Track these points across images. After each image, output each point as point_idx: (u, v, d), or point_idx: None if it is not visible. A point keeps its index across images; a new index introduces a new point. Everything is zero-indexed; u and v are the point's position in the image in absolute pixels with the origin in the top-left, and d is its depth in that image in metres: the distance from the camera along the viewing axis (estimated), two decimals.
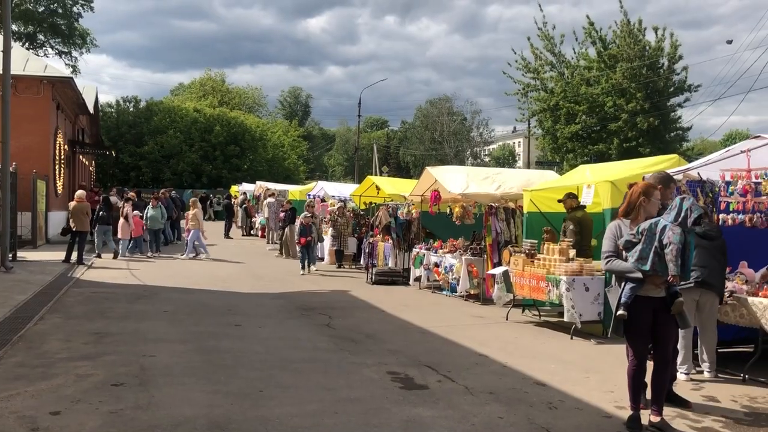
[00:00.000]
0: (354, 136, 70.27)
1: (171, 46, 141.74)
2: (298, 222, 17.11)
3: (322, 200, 22.00)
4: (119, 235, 17.77)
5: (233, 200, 31.83)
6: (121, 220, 17.84)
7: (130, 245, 18.00)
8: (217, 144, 47.24)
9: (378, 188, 18.43)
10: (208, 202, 40.28)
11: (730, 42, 36.25)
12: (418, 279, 13.81)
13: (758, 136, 7.19)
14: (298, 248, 16.60)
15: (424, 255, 13.48)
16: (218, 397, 5.78)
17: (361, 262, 16.69)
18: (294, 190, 27.17)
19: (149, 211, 18.54)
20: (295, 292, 12.80)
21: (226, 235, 26.29)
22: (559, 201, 10.46)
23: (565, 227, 10.34)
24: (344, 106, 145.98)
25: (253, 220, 28.58)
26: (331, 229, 17.79)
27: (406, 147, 77.54)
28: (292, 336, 8.70)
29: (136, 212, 18.29)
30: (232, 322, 9.41)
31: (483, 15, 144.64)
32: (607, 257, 5.35)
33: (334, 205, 19.04)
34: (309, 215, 16.40)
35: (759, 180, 7.12)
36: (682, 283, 6.84)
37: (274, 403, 5.68)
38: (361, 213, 19.37)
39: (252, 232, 28.42)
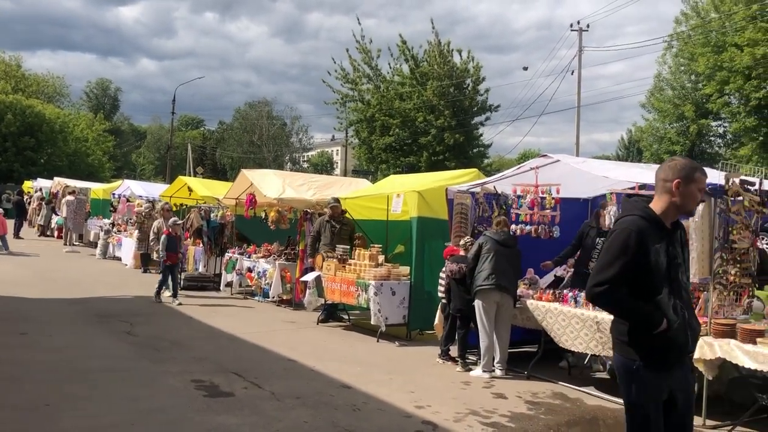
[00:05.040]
0: (167, 134, 67.10)
1: None
2: (156, 226, 13.70)
3: (128, 200, 20.76)
4: None
5: (26, 197, 28.94)
6: None
7: None
8: (8, 134, 42.65)
9: (190, 190, 17.74)
10: None
11: (525, 69, 40.22)
12: (229, 284, 13.52)
13: (545, 155, 7.98)
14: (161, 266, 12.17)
15: (237, 260, 13.23)
16: (1, 413, 5.24)
17: None
18: (97, 188, 25.35)
19: None
20: (93, 298, 11.93)
21: (16, 234, 23.83)
22: (330, 206, 10.84)
23: (339, 230, 10.71)
24: (157, 102, 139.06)
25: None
26: (137, 231, 16.81)
27: (224, 148, 75.52)
28: (88, 344, 8.12)
29: None
30: (17, 330, 8.56)
31: (304, 21, 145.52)
32: None
33: (141, 206, 18.01)
34: (176, 221, 12.56)
35: (544, 195, 7.94)
36: (482, 285, 7.39)
37: (64, 416, 5.27)
38: None
39: (48, 232, 26.06)
